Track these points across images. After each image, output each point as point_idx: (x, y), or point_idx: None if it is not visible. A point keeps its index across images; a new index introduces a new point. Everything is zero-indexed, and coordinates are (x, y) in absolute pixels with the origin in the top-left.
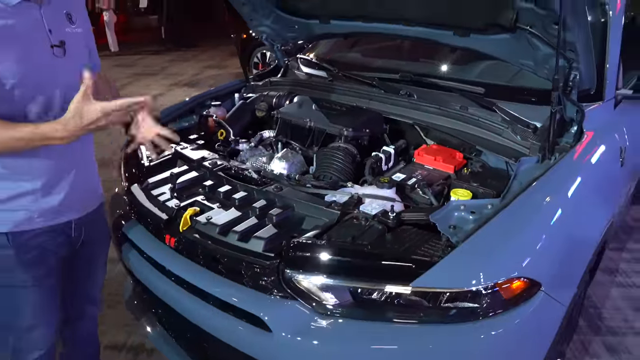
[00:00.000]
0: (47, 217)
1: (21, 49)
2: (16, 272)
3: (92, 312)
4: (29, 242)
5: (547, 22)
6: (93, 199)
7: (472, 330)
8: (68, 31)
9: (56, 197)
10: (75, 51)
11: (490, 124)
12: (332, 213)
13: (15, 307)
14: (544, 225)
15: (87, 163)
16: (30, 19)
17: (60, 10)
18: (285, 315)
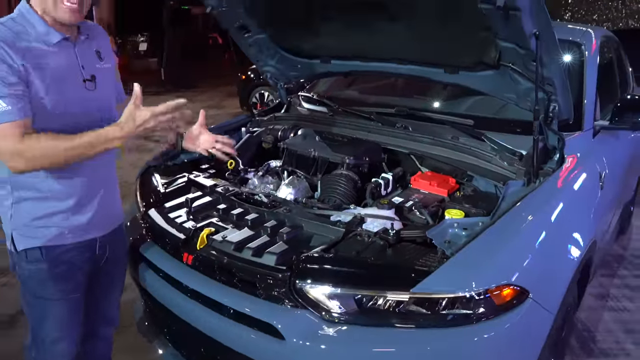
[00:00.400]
0: (76, 234)
1: (58, 84)
2: (47, 284)
3: (107, 332)
4: (59, 257)
5: (526, 60)
6: (116, 218)
7: (466, 333)
8: (98, 67)
9: (85, 216)
10: (104, 84)
11: (479, 152)
12: (337, 231)
13: (43, 320)
14: (530, 239)
15: (112, 184)
16: (66, 57)
17: (91, 48)
18: (297, 323)
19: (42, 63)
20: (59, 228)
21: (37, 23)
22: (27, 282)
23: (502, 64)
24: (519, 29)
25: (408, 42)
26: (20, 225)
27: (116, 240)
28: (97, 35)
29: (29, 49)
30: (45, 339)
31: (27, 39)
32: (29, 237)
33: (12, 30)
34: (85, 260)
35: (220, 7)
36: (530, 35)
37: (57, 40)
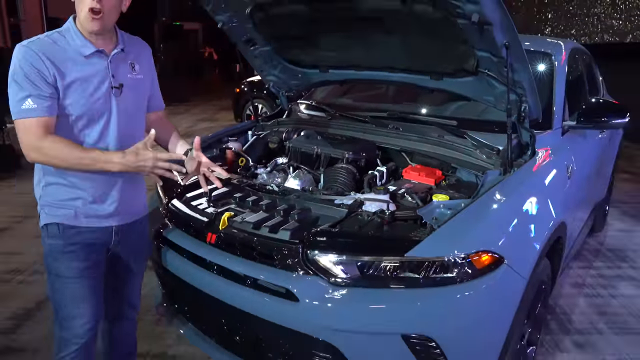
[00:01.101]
0: (91, 220)
1: (87, 89)
2: (62, 260)
3: (131, 315)
4: (74, 237)
5: (499, 66)
6: (137, 211)
7: (449, 292)
8: (129, 77)
9: (102, 206)
10: (131, 93)
11: (462, 148)
12: (341, 211)
13: (61, 297)
14: (505, 215)
15: (134, 180)
16: (97, 66)
17: (127, 60)
18: (308, 287)
19: (74, 70)
20: (76, 211)
21: (76, 36)
22: (47, 259)
23: (479, 71)
24: (491, 40)
25: (398, 53)
26: (46, 204)
27: (136, 231)
28: (136, 49)
29: (65, 59)
30: (64, 316)
31: (65, 49)
32: (50, 215)
33: (55, 41)
34: (100, 244)
35: (231, 23)
36: (501, 46)
37: (91, 52)
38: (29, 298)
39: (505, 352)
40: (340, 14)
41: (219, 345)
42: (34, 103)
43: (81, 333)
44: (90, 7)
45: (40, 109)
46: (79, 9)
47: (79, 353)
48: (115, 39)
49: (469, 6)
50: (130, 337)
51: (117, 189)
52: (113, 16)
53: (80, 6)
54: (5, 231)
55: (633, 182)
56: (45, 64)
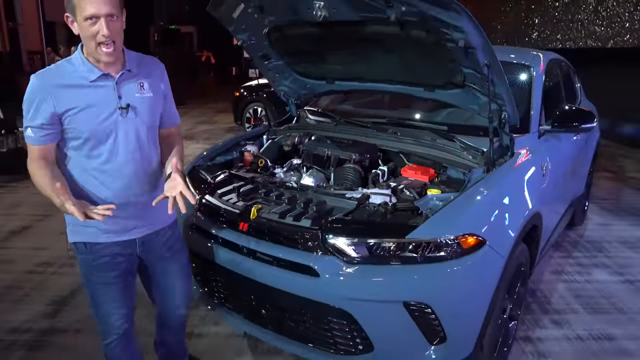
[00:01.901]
0: (110, 236)
1: (92, 113)
2: (93, 272)
3: (177, 316)
4: (100, 251)
5: (482, 81)
6: (158, 220)
7: (441, 267)
8: (137, 96)
9: (118, 223)
10: (140, 111)
11: (452, 149)
12: (351, 204)
13: (95, 297)
14: (488, 204)
15: (152, 193)
16: (103, 89)
17: (135, 80)
18: (326, 265)
19: (79, 96)
20: (94, 229)
21: (82, 63)
22: (81, 267)
23: (466, 84)
24: (475, 61)
25: (396, 68)
26: (71, 222)
27: (164, 238)
28: (146, 67)
29: (70, 86)
30: (102, 314)
31: (72, 76)
32: (75, 233)
33: (63, 71)
34: (127, 254)
35: (249, 41)
36: (483, 65)
37: (96, 77)
38: (62, 287)
39: (489, 319)
40: (346, 35)
41: (246, 320)
42: (32, 132)
43: (117, 326)
44: (99, 42)
45: (36, 138)
46: (87, 43)
47: (120, 340)
48: (122, 60)
49: (456, 34)
50: (180, 344)
51: (131, 205)
52: (121, 41)
53: (88, 41)
54: (30, 229)
55: (613, 180)
56: (51, 97)
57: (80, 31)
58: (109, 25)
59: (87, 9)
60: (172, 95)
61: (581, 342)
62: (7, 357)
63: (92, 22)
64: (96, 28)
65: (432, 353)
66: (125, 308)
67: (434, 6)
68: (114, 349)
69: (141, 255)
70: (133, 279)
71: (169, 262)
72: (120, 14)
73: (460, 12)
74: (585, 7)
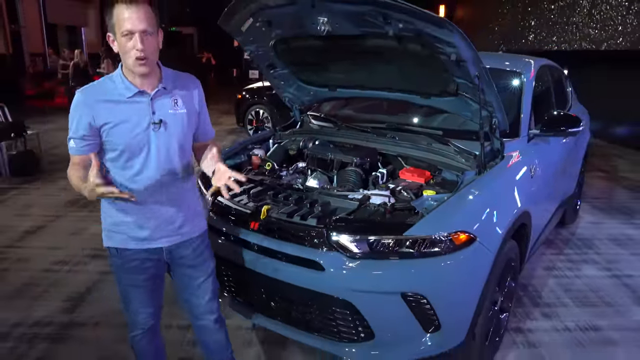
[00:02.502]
0: (138, 243)
1: (127, 128)
2: (123, 275)
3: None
4: (129, 257)
5: (474, 90)
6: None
7: (436, 261)
8: (170, 112)
9: (145, 231)
10: (172, 127)
11: (446, 153)
12: (353, 204)
13: (124, 297)
14: (478, 204)
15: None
16: (139, 105)
17: (170, 96)
18: (331, 259)
19: (116, 111)
20: (124, 235)
21: (121, 80)
22: (113, 269)
23: (459, 93)
24: (466, 72)
25: (394, 77)
26: (105, 228)
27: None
28: (182, 85)
29: (109, 101)
30: (130, 311)
31: (111, 93)
32: (108, 238)
33: (104, 87)
34: (155, 260)
35: (257, 52)
36: (474, 76)
37: (132, 93)
38: (78, 284)
39: (480, 310)
40: (348, 48)
41: (256, 312)
42: (74, 143)
43: (143, 323)
44: (136, 57)
45: (77, 148)
46: (125, 59)
47: (145, 334)
48: (159, 77)
49: (448, 48)
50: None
51: (158, 216)
52: (155, 57)
53: (126, 57)
54: (44, 229)
55: (606, 180)
56: (91, 111)
57: (119, 47)
58: (143, 40)
59: (124, 26)
60: (207, 111)
61: (569, 332)
62: (31, 348)
63: (128, 38)
64: (132, 43)
65: (427, 340)
66: (152, 307)
67: (428, 24)
68: (139, 342)
69: (168, 262)
70: (161, 282)
71: (195, 270)
72: (155, 32)
73: (452, 30)
74: (580, 10)
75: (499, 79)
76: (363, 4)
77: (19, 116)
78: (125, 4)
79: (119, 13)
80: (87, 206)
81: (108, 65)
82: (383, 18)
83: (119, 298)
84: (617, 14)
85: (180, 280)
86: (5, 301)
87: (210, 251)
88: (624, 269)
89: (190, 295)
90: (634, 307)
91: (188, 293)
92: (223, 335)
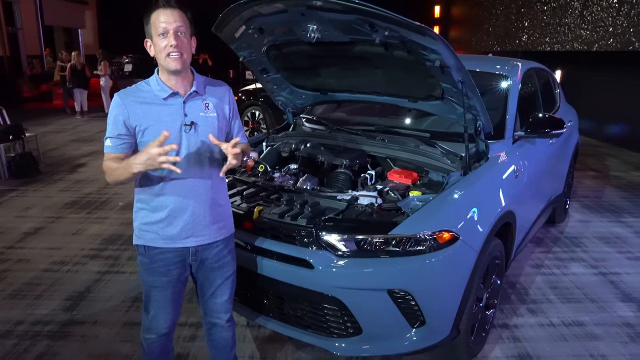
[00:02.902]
0: (167, 242)
1: (162, 126)
2: (148, 273)
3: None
4: (156, 256)
5: (458, 95)
6: (213, 234)
7: (420, 259)
8: (201, 115)
9: (175, 230)
10: (202, 129)
11: (433, 155)
12: (342, 204)
13: (147, 298)
14: (462, 203)
15: (210, 203)
16: (172, 107)
17: (202, 100)
18: (320, 258)
19: (152, 111)
20: (154, 234)
21: (157, 83)
22: (140, 269)
23: (445, 97)
24: (451, 77)
25: (383, 82)
26: (136, 227)
27: (216, 250)
28: (214, 90)
29: (145, 102)
30: (151, 315)
31: (146, 94)
32: (138, 237)
33: (140, 89)
34: (180, 261)
35: (250, 57)
36: (458, 81)
37: (167, 95)
38: (78, 284)
39: (464, 306)
40: (337, 53)
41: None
42: (110, 142)
43: (160, 328)
44: (169, 52)
45: (113, 147)
46: (160, 58)
47: (159, 339)
48: (191, 81)
49: (432, 55)
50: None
51: (188, 214)
52: (189, 58)
53: (160, 55)
54: (43, 230)
55: (598, 179)
56: (127, 110)
57: (155, 48)
58: (177, 37)
59: (160, 26)
60: (239, 117)
61: (553, 328)
62: (33, 345)
63: (164, 37)
64: (166, 41)
65: (413, 335)
66: (171, 314)
67: (412, 32)
68: (151, 344)
69: (192, 263)
70: (183, 287)
71: (215, 274)
72: (189, 35)
73: (436, 38)
74: (572, 11)
75: (486, 82)
76: (350, 12)
77: (17, 118)
78: (161, 8)
79: (156, 16)
80: (86, 208)
81: (105, 67)
82: (369, 26)
83: (117, 297)
84: (607, 15)
85: (201, 282)
86: (7, 300)
87: (233, 255)
88: (610, 267)
89: (210, 296)
90: (618, 303)
91: (207, 294)
92: (231, 334)
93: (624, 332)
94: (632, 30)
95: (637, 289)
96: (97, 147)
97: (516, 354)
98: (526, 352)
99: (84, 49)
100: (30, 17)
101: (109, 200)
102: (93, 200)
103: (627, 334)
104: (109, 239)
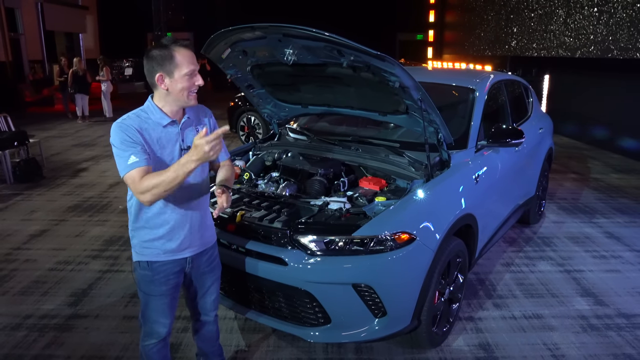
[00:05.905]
0: (169, 255)
1: (164, 152)
2: (151, 286)
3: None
4: (158, 268)
5: (420, 110)
6: (206, 242)
7: (381, 257)
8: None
9: (175, 244)
10: None
11: (400, 163)
12: (313, 210)
13: (146, 307)
14: (419, 207)
15: (202, 216)
16: (172, 134)
17: (193, 125)
18: (293, 256)
19: (154, 137)
20: (157, 250)
21: (155, 111)
22: (139, 281)
23: (409, 112)
24: (411, 96)
25: (355, 97)
26: (136, 244)
27: (206, 256)
28: (198, 114)
29: (148, 129)
30: (150, 321)
31: (148, 122)
32: (139, 254)
33: (140, 117)
34: (178, 270)
35: (237, 75)
36: (417, 99)
37: (166, 123)
38: (81, 282)
39: (423, 298)
40: (313, 73)
41: (235, 302)
42: (136, 157)
43: (160, 333)
44: (192, 90)
45: (141, 160)
46: (180, 93)
47: (157, 344)
48: (183, 109)
49: (392, 77)
50: (212, 334)
51: (187, 228)
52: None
53: (182, 91)
54: (48, 232)
55: (577, 181)
56: (140, 134)
57: (176, 85)
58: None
59: (189, 67)
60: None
61: (514, 320)
62: (41, 336)
63: (190, 77)
64: (193, 80)
65: (376, 324)
66: (169, 319)
67: (373, 58)
68: (150, 350)
69: (186, 271)
70: (177, 294)
71: (206, 277)
72: None
73: (393, 64)
74: (557, 19)
75: (454, 94)
76: (319, 40)
77: (20, 123)
78: (184, 49)
79: (182, 57)
80: (88, 211)
81: (107, 72)
82: (337, 52)
83: (116, 293)
84: (588, 23)
85: (193, 285)
86: (17, 296)
87: (218, 259)
88: (576, 265)
89: (200, 297)
90: (577, 298)
91: (198, 296)
92: (216, 327)
93: (577, 324)
94: (611, 38)
95: (597, 284)
96: (98, 151)
97: (477, 343)
98: (486, 341)
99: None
100: (31, 22)
101: (109, 204)
102: (94, 203)
103: (581, 325)
104: (109, 240)
